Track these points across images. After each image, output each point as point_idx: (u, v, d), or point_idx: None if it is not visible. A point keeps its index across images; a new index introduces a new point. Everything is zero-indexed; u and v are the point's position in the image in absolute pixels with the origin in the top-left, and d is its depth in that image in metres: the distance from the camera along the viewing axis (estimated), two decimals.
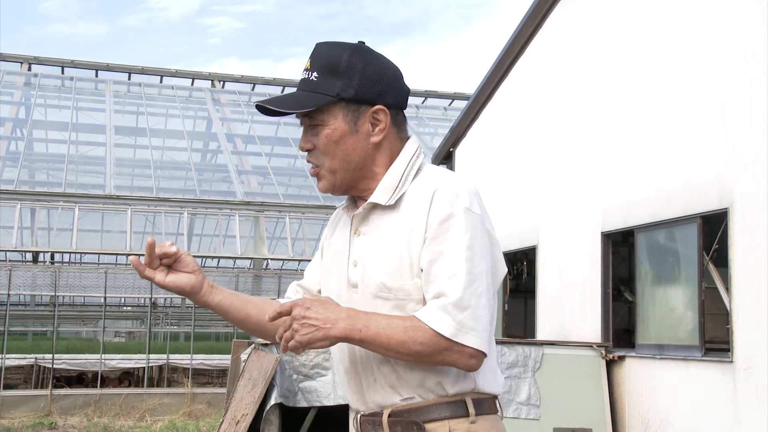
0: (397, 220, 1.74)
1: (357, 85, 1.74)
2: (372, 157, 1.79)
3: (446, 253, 1.66)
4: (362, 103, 1.76)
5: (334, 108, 1.75)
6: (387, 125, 1.78)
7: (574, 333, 8.75)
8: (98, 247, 16.05)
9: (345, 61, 1.75)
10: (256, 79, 22.72)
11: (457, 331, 1.61)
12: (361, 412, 1.80)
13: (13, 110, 18.58)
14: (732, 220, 6.59)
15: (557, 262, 9.36)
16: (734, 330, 6.49)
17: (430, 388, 1.70)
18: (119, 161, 16.80)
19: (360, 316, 1.64)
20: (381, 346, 1.64)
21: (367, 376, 1.76)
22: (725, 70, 6.87)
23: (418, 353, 1.63)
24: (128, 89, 21.15)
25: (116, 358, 13.86)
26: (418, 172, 1.79)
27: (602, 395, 7.77)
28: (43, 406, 12.05)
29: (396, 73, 1.82)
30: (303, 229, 15.87)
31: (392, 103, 1.79)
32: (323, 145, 1.77)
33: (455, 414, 1.70)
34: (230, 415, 6.37)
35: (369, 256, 1.77)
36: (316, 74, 1.76)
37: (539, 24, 10.09)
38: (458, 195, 1.68)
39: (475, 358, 1.65)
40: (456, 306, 1.62)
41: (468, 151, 12.12)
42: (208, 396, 12.81)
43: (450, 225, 1.66)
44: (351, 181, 1.80)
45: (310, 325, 1.61)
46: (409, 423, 1.70)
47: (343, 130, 1.75)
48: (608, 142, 8.48)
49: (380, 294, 1.73)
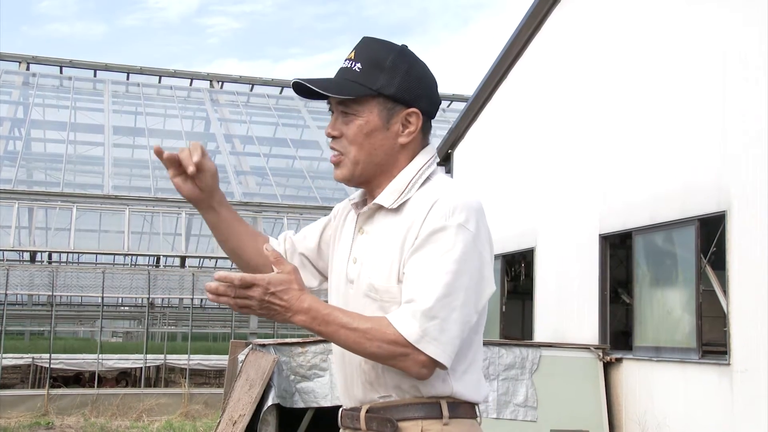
0: (396, 225, 1.76)
1: (398, 84, 1.77)
2: (395, 157, 1.81)
3: (428, 262, 1.67)
4: (399, 103, 1.78)
5: (372, 102, 1.77)
6: (417, 129, 1.81)
7: (571, 335, 8.76)
8: (96, 247, 16.04)
9: (391, 59, 1.78)
10: (254, 79, 22.73)
11: (420, 338, 1.62)
12: (345, 405, 1.86)
13: (11, 110, 18.57)
14: (730, 223, 6.60)
15: (555, 264, 9.36)
16: (731, 332, 6.49)
17: (406, 390, 1.73)
18: (117, 161, 16.80)
19: (321, 309, 1.65)
20: (338, 342, 1.67)
21: (351, 371, 1.81)
22: (723, 72, 6.88)
23: (373, 355, 1.65)
24: (127, 89, 21.16)
25: (113, 358, 13.83)
26: (428, 181, 1.80)
27: (599, 397, 7.77)
28: (40, 406, 12.03)
29: (434, 82, 1.86)
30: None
31: (426, 109, 1.82)
32: (353, 135, 1.79)
33: (429, 415, 1.72)
34: (227, 416, 6.37)
35: (366, 256, 1.80)
36: (360, 65, 1.78)
37: (538, 26, 10.10)
38: (455, 210, 1.69)
39: (427, 368, 1.65)
40: (424, 314, 1.62)
41: (466, 152, 12.13)
42: (205, 396, 12.80)
43: (439, 237, 1.68)
44: (369, 175, 1.82)
45: (270, 308, 1.62)
46: (383, 420, 1.74)
47: (375, 125, 1.78)
48: (606, 145, 8.49)
49: (369, 294, 1.76)
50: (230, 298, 1.60)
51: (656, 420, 7.22)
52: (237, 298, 1.60)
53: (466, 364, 1.76)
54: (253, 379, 6.33)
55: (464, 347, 1.73)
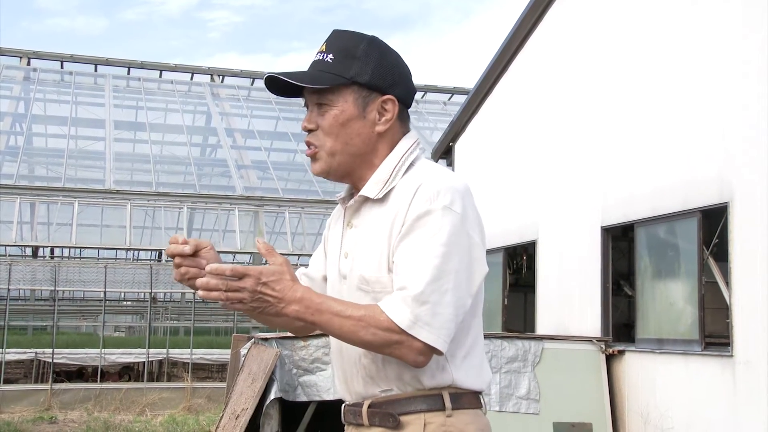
0: (382, 214, 1.75)
1: (372, 72, 1.76)
2: (374, 146, 1.79)
3: (416, 247, 1.65)
4: (374, 90, 1.77)
5: (346, 90, 1.76)
6: (394, 116, 1.79)
7: (573, 327, 8.76)
8: (98, 241, 16.05)
9: (362, 48, 1.77)
10: (255, 73, 22.70)
11: (412, 324, 1.60)
12: (346, 401, 1.85)
13: (12, 105, 18.56)
14: (732, 215, 6.59)
15: (557, 256, 9.35)
16: (734, 324, 6.49)
17: (407, 382, 1.72)
18: (118, 156, 16.79)
19: (314, 299, 1.63)
20: (333, 332, 1.65)
21: (350, 367, 1.80)
22: (724, 63, 6.86)
23: (369, 343, 1.63)
24: (127, 84, 21.14)
25: (116, 353, 13.86)
26: (411, 168, 1.79)
27: (602, 390, 7.77)
28: (43, 401, 12.06)
29: (408, 70, 1.85)
30: (302, 224, 15.87)
31: (401, 96, 1.81)
32: (328, 125, 1.77)
33: (431, 407, 1.71)
34: (230, 410, 6.38)
35: (357, 249, 1.79)
36: (332, 56, 1.76)
37: (539, 18, 10.07)
38: (439, 193, 1.67)
39: (424, 355, 1.64)
40: (415, 299, 1.61)
41: (467, 145, 12.11)
42: (207, 390, 12.82)
43: (425, 221, 1.66)
44: (348, 167, 1.80)
45: (263, 300, 1.59)
46: (385, 415, 1.73)
47: (351, 114, 1.76)
48: (608, 136, 8.47)
49: (361, 286, 1.75)
50: (221, 293, 1.56)
51: (659, 412, 7.23)
52: (228, 292, 1.56)
53: (465, 349, 1.74)
54: (255, 372, 6.34)
55: (462, 332, 1.72)
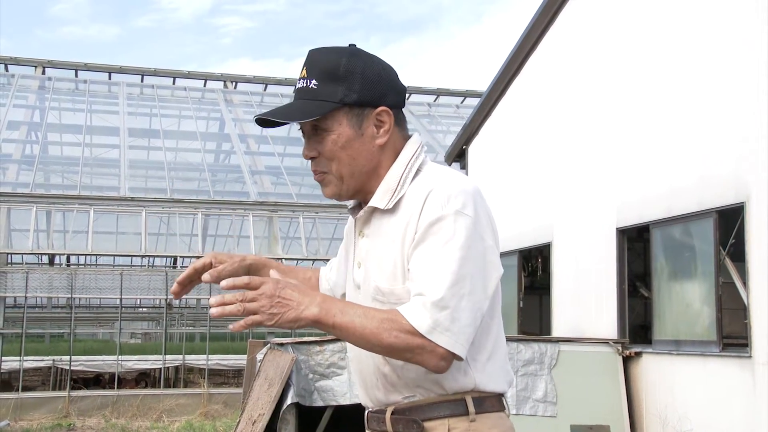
0: (394, 223, 1.74)
1: (359, 89, 1.73)
2: (378, 159, 1.78)
3: (431, 254, 1.64)
4: (365, 107, 1.75)
5: (338, 113, 1.74)
6: (391, 126, 1.78)
7: (590, 329, 8.72)
8: (113, 248, 16.13)
9: (344, 65, 1.73)
10: (267, 79, 22.75)
11: (432, 329, 1.59)
12: (368, 408, 1.84)
13: (27, 114, 18.69)
14: (748, 214, 6.54)
15: (572, 258, 9.32)
16: (752, 324, 6.44)
17: (429, 387, 1.71)
18: (133, 163, 16.87)
19: (335, 303, 1.62)
20: (354, 335, 1.61)
21: (369, 376, 1.79)
22: (739, 62, 6.82)
23: (390, 346, 1.60)
24: (141, 91, 21.24)
25: (133, 359, 13.93)
26: (418, 173, 1.77)
27: (619, 392, 7.73)
28: (61, 408, 12.13)
29: (393, 73, 1.82)
30: (317, 229, 15.88)
31: (393, 103, 1.79)
32: (329, 151, 1.76)
33: (455, 413, 1.70)
34: (247, 415, 6.38)
35: (369, 259, 1.78)
36: (315, 81, 1.74)
37: (551, 19, 10.05)
38: (450, 198, 1.66)
39: (445, 360, 1.62)
40: (435, 305, 1.59)
41: (481, 148, 12.09)
42: (224, 396, 12.85)
43: (438, 227, 1.65)
44: (357, 185, 1.79)
45: (283, 304, 1.56)
46: (409, 421, 1.72)
47: (349, 135, 1.74)
48: (622, 138, 8.43)
49: (376, 297, 1.74)
50: (239, 304, 1.53)
51: (677, 414, 7.18)
52: (245, 302, 1.53)
53: (487, 353, 1.73)
54: (271, 378, 6.34)
55: (482, 335, 1.71)
